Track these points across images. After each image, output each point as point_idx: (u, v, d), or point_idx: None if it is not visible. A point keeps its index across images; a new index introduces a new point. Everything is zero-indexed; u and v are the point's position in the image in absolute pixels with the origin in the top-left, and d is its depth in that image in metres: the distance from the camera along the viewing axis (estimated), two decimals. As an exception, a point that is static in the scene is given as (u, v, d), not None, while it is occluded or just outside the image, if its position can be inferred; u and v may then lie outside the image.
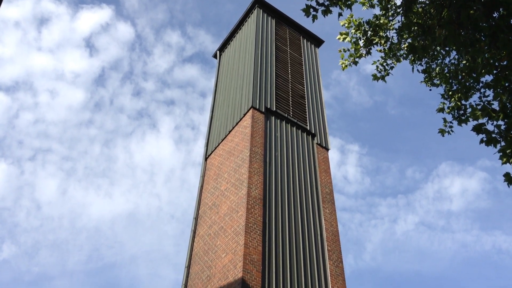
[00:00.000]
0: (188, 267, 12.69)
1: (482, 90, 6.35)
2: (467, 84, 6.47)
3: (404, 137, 46.49)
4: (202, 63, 49.40)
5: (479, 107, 5.85)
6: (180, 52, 49.63)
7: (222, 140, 15.28)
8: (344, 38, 7.80)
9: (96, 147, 41.77)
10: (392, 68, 7.87)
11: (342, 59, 7.98)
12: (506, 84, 5.04)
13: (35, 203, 38.34)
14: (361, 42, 7.72)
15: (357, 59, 7.82)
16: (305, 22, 22.62)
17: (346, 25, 7.74)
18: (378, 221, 41.90)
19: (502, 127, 5.05)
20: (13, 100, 39.64)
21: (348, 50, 7.87)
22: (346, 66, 7.89)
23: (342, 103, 46.89)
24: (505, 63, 4.95)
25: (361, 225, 41.75)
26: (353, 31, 7.74)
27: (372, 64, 8.04)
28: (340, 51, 7.98)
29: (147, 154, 43.23)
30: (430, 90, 7.75)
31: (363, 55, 7.75)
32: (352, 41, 7.79)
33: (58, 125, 41.04)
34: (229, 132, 15.03)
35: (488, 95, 6.27)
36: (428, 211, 41.94)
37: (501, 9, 4.95)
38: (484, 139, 5.13)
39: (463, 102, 6.65)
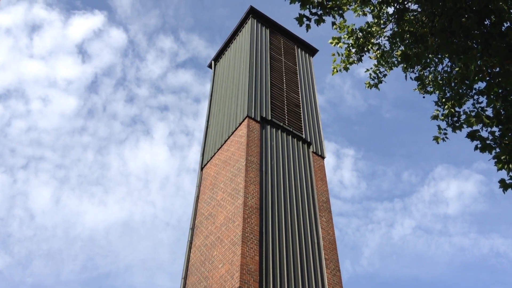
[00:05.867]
0: (185, 278, 12.59)
1: (476, 97, 6.39)
2: (460, 91, 6.51)
3: (399, 140, 46.69)
4: (196, 68, 49.54)
5: (473, 113, 5.87)
6: (173, 57, 49.76)
7: (218, 150, 15.27)
8: (337, 43, 7.85)
9: (90, 155, 41.64)
10: (385, 75, 7.91)
11: (334, 62, 8.01)
12: (499, 91, 5.06)
13: (28, 213, 38.09)
14: (353, 49, 7.76)
15: (348, 66, 7.85)
16: (299, 30, 22.77)
17: (338, 30, 7.77)
18: (375, 225, 41.90)
19: (497, 134, 5.06)
20: (4, 108, 39.53)
21: (342, 55, 7.90)
22: (336, 71, 7.92)
23: (336, 107, 47.09)
24: (497, 69, 4.98)
25: (358, 230, 41.71)
26: (346, 36, 7.79)
27: (365, 71, 8.08)
28: (333, 54, 8.01)
29: (141, 161, 43.12)
30: (424, 97, 7.79)
31: (355, 61, 7.79)
32: (344, 47, 7.84)
33: (51, 133, 40.90)
34: (225, 141, 15.02)
35: (482, 102, 6.31)
36: (424, 215, 41.99)
37: (492, 16, 4.99)
38: (479, 145, 5.13)
39: (456, 109, 6.68)
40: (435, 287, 37.51)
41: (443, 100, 6.97)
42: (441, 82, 7.19)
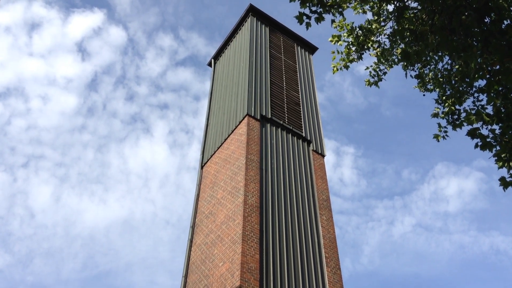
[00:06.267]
0: (186, 276, 12.60)
1: (476, 94, 6.39)
2: (461, 89, 6.50)
3: (399, 138, 46.65)
4: (195, 66, 49.46)
5: (473, 111, 5.87)
6: (173, 55, 49.68)
7: (218, 148, 15.26)
8: (337, 41, 7.84)
9: (90, 153, 41.58)
10: (385, 73, 7.90)
11: (334, 60, 8.01)
12: (500, 89, 5.06)
13: (28, 211, 38.07)
14: (353, 47, 7.76)
15: (348, 64, 7.85)
16: (298, 28, 22.75)
17: (338, 28, 7.77)
18: (375, 223, 41.89)
19: (497, 132, 5.06)
20: (4, 106, 39.45)
21: (341, 53, 7.90)
22: (337, 69, 7.92)
23: (336, 105, 47.05)
24: (497, 67, 4.97)
25: (358, 228, 41.72)
26: (345, 34, 7.79)
27: (365, 69, 8.07)
28: (333, 52, 8.01)
29: (141, 159, 43.08)
30: (424, 95, 7.79)
31: (355, 59, 7.78)
32: (344, 45, 7.83)
33: (51, 131, 40.85)
34: (225, 140, 15.02)
35: (482, 100, 6.30)
36: (425, 213, 41.99)
37: (492, 14, 4.98)
38: (479, 143, 5.13)
39: (457, 107, 6.68)
40: (435, 285, 37.56)
41: (444, 98, 6.97)
42: (441, 80, 7.19)
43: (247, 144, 13.19)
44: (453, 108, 6.67)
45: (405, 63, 7.41)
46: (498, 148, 5.06)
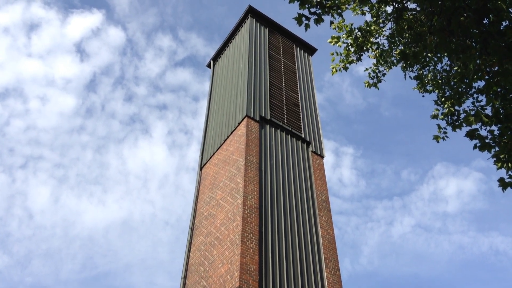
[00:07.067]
0: (185, 278, 12.59)
1: (475, 95, 6.40)
2: (460, 90, 6.51)
3: (398, 138, 46.68)
4: (194, 67, 49.46)
5: (472, 112, 5.88)
6: (172, 56, 49.68)
7: (217, 149, 15.27)
8: (336, 42, 7.86)
9: (88, 154, 41.55)
10: (384, 75, 7.91)
11: (333, 62, 8.02)
12: (498, 90, 5.07)
13: (27, 212, 38.03)
14: (352, 49, 7.77)
15: (347, 65, 7.86)
16: (297, 30, 22.76)
17: (337, 30, 7.79)
18: (374, 224, 41.91)
19: (496, 133, 5.07)
20: (3, 107, 39.43)
21: (340, 54, 7.91)
22: (336, 71, 7.93)
23: (335, 106, 47.08)
24: (496, 68, 4.98)
25: (357, 228, 41.73)
26: (344, 36, 7.80)
27: (365, 70, 8.09)
28: (332, 54, 8.02)
29: (140, 160, 43.04)
30: (423, 96, 7.81)
31: (354, 61, 7.79)
32: (343, 46, 7.85)
33: (50, 132, 40.83)
34: (224, 141, 15.02)
35: (481, 101, 6.31)
36: (424, 213, 42.00)
37: (491, 15, 4.99)
38: (478, 144, 5.13)
39: (456, 108, 6.69)
40: (434, 285, 37.56)
41: (443, 99, 6.98)
42: (440, 81, 7.21)
43: (246, 145, 13.20)
44: (452, 109, 6.68)
45: (404, 64, 7.42)
46: (496, 149, 5.06)
